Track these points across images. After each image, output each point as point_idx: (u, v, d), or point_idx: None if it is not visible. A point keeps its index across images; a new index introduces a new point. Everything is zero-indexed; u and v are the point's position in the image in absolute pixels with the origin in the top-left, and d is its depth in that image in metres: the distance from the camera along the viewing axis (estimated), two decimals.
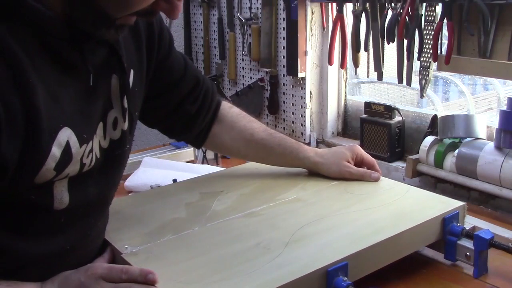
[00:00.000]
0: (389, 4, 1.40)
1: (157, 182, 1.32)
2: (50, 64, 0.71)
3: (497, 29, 1.24)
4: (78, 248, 0.82)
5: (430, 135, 1.41)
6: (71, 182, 0.77)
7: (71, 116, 0.74)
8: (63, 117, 0.72)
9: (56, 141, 0.71)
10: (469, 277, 0.95)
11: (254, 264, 0.80)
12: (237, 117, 1.16)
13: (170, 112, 1.07)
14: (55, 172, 0.72)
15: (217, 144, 1.17)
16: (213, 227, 0.94)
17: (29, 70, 0.66)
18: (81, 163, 0.77)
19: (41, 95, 0.68)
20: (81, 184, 0.79)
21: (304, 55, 1.71)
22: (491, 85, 2.41)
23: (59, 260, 0.79)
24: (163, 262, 0.82)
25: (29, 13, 0.67)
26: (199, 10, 2.13)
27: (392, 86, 2.07)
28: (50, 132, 0.70)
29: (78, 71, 0.76)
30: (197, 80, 1.09)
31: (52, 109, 0.70)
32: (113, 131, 0.85)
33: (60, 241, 0.78)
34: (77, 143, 0.74)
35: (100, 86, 0.80)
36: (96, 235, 0.87)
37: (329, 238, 0.88)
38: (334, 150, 1.19)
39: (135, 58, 0.90)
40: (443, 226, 0.97)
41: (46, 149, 0.70)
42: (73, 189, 0.77)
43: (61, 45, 0.72)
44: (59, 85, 0.72)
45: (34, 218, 0.75)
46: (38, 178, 0.71)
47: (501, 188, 1.23)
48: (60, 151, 0.72)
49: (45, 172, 0.71)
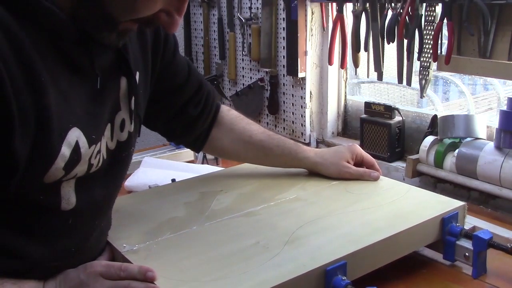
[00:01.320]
0: (389, 4, 1.40)
1: (157, 182, 1.32)
2: (61, 65, 0.71)
3: (497, 29, 1.24)
4: (83, 249, 0.82)
5: (430, 135, 1.41)
6: (78, 183, 0.77)
7: (80, 117, 0.74)
8: (72, 117, 0.73)
9: (65, 141, 0.71)
10: (468, 277, 0.95)
11: (252, 263, 0.80)
12: (235, 119, 1.17)
13: (173, 116, 1.07)
14: (64, 171, 0.73)
15: (216, 148, 1.18)
16: (212, 226, 0.94)
17: (41, 70, 0.67)
18: (89, 164, 0.77)
19: (52, 95, 0.68)
20: (88, 185, 0.79)
21: (304, 55, 1.71)
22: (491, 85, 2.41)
23: (64, 261, 0.79)
24: (162, 261, 0.82)
25: (44, 14, 0.68)
26: (199, 10, 2.14)
27: (392, 86, 2.07)
28: (60, 131, 0.70)
29: (86, 74, 0.76)
30: (200, 84, 1.10)
31: (63, 109, 0.70)
32: (121, 133, 0.86)
33: (66, 243, 0.79)
34: (86, 144, 0.75)
35: (109, 88, 0.81)
36: (99, 236, 0.87)
37: (328, 238, 0.88)
38: (333, 150, 1.19)
39: (140, 60, 0.91)
40: (442, 226, 0.97)
41: (56, 148, 0.70)
42: (80, 190, 0.78)
43: (71, 48, 0.72)
44: (70, 86, 0.73)
45: (42, 219, 0.75)
46: (47, 177, 0.71)
47: (501, 188, 1.23)
48: (70, 150, 0.72)
49: (54, 171, 0.71)
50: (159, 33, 0.96)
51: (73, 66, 0.73)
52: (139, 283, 0.74)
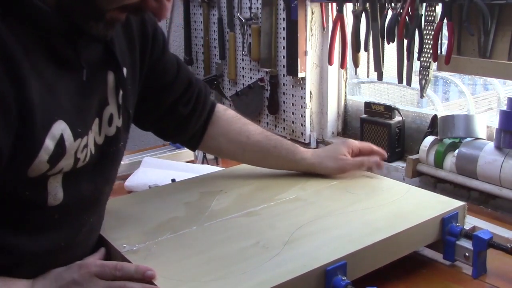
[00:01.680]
0: (389, 4, 1.40)
1: (157, 182, 1.32)
2: (46, 58, 0.71)
3: (497, 29, 1.24)
4: (71, 245, 0.81)
5: (430, 135, 1.41)
6: (65, 178, 0.77)
7: (66, 110, 0.74)
8: (58, 110, 0.72)
9: (50, 133, 0.71)
10: (468, 277, 0.95)
11: (252, 263, 0.80)
12: (232, 119, 1.16)
13: (163, 114, 1.07)
14: (48, 165, 0.72)
15: (212, 147, 1.17)
16: (212, 226, 0.94)
17: (22, 63, 0.66)
18: (75, 158, 0.76)
19: (35, 88, 0.68)
20: (76, 180, 0.79)
21: (304, 55, 1.71)
22: (491, 85, 2.41)
23: (53, 257, 0.79)
24: (161, 260, 0.82)
25: (26, 7, 0.67)
26: (199, 10, 2.14)
27: (392, 86, 2.07)
28: (43, 124, 0.70)
29: (73, 66, 0.76)
30: (190, 81, 1.09)
31: (47, 102, 0.70)
32: (109, 128, 0.85)
33: (54, 238, 0.78)
34: (71, 137, 0.74)
35: (96, 82, 0.80)
36: (89, 232, 0.86)
37: (328, 238, 0.88)
38: (329, 147, 1.19)
39: (127, 56, 0.90)
40: (442, 226, 0.97)
41: (39, 141, 0.70)
42: (67, 185, 0.77)
43: (56, 40, 0.72)
44: (56, 79, 0.72)
45: (29, 215, 0.75)
46: (32, 171, 0.71)
47: (501, 188, 1.23)
48: (54, 143, 0.72)
49: (38, 164, 0.71)
50: (147, 31, 0.95)
51: (59, 58, 0.73)
52: (135, 284, 0.74)
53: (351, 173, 1.16)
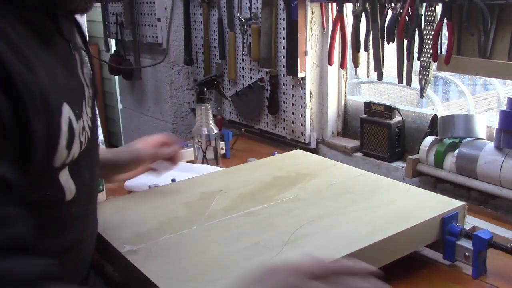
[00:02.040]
0: (389, 4, 1.40)
1: (157, 182, 1.32)
2: (38, 41, 0.69)
3: (497, 29, 1.24)
4: (85, 238, 0.81)
5: (430, 135, 1.41)
6: (70, 169, 0.75)
7: (66, 91, 0.72)
8: (61, 93, 0.71)
9: (62, 116, 0.70)
10: (468, 277, 0.95)
11: (252, 263, 0.80)
12: None
13: None
14: (67, 151, 0.71)
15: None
16: (212, 226, 0.94)
17: (25, 50, 0.65)
18: (80, 142, 0.75)
19: (41, 73, 0.66)
20: (79, 169, 0.77)
21: (304, 55, 1.71)
22: (491, 85, 2.40)
23: (72, 253, 0.78)
24: (162, 261, 0.82)
25: None
26: (199, 10, 2.13)
27: (392, 86, 2.07)
28: (57, 107, 0.69)
29: (57, 44, 0.74)
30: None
31: (52, 85, 0.69)
32: (89, 108, 0.83)
33: (73, 233, 0.78)
34: (75, 119, 0.73)
35: (73, 61, 0.79)
36: (94, 223, 0.86)
37: (328, 238, 0.88)
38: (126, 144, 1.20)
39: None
40: (442, 226, 0.97)
41: (58, 125, 0.69)
42: (74, 176, 0.76)
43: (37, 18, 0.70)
44: (51, 62, 0.71)
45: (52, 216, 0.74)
46: (56, 160, 0.69)
47: (501, 188, 1.23)
48: (67, 127, 0.70)
49: (61, 151, 0.69)
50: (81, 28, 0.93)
51: (45, 39, 0.71)
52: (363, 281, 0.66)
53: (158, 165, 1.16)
